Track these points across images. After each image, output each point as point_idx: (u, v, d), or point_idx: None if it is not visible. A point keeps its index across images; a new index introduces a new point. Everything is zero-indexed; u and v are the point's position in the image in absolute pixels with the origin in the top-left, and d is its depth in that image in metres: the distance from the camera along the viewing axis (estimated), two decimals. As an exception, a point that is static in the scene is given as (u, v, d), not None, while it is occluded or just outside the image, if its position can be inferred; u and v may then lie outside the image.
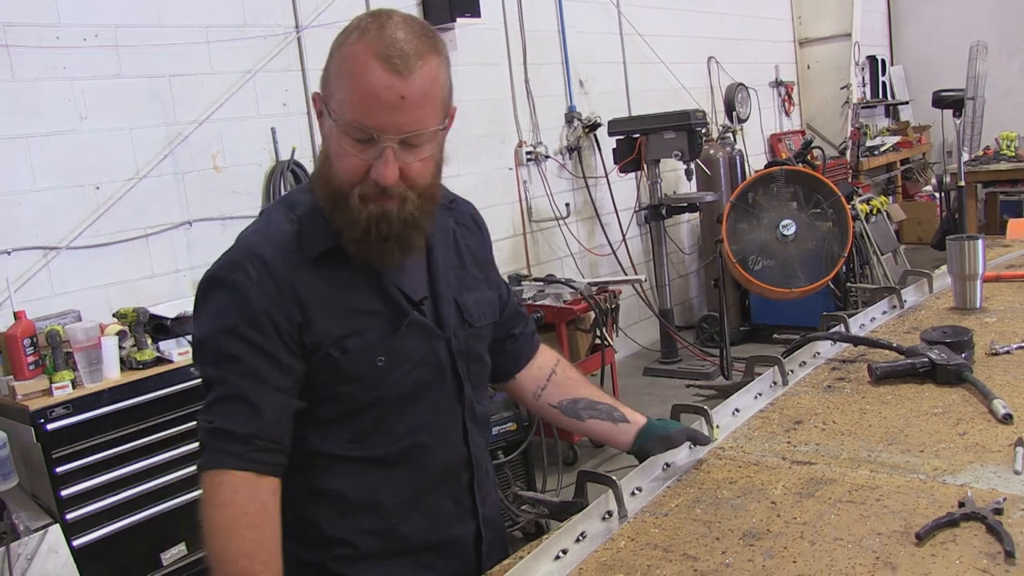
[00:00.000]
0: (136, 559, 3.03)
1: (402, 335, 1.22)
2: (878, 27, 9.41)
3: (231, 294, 1.16)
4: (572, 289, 4.03)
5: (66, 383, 2.88)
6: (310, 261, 1.19)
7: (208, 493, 1.14)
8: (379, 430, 1.23)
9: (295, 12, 3.96)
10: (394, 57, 1.09)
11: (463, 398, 1.31)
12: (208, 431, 1.14)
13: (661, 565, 1.16)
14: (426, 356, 1.25)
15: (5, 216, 3.10)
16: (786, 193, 4.48)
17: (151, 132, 3.49)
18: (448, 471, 1.30)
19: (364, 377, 1.20)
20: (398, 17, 1.14)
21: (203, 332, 1.19)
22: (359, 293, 1.21)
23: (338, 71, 1.13)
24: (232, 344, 1.15)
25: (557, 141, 5.43)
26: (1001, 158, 6.81)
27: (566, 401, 1.49)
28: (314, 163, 3.98)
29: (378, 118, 1.10)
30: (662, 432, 1.45)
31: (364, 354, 1.20)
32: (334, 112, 1.14)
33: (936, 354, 1.73)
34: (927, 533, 1.14)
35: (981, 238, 2.18)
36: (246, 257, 1.18)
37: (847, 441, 1.49)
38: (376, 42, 1.10)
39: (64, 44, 3.23)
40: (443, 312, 1.29)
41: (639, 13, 6.02)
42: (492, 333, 1.42)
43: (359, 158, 1.13)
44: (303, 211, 1.22)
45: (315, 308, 1.18)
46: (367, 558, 1.26)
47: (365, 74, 1.09)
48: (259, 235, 1.22)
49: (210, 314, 1.19)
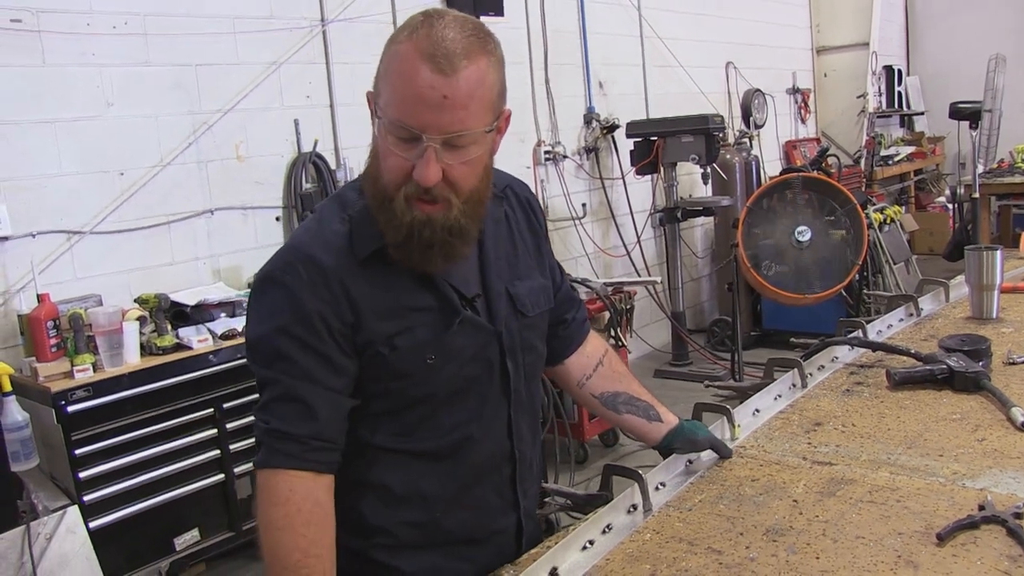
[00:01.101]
0: (150, 543, 3.07)
1: (453, 333, 1.23)
2: (895, 37, 9.41)
3: (284, 294, 1.17)
4: (588, 289, 4.05)
5: (87, 366, 2.91)
6: (360, 260, 1.19)
7: (265, 490, 1.15)
8: (428, 425, 1.24)
9: (321, 5, 3.99)
10: (439, 56, 1.08)
11: (510, 392, 1.32)
12: (265, 431, 1.16)
13: (686, 558, 1.19)
14: (476, 353, 1.26)
15: (31, 199, 3.14)
16: (801, 200, 4.49)
17: (176, 120, 3.53)
18: (492, 464, 1.32)
19: (414, 374, 1.21)
20: (450, 17, 1.13)
21: (257, 332, 1.20)
22: (410, 291, 1.21)
23: (386, 70, 1.14)
24: (285, 344, 1.16)
25: (575, 142, 5.45)
26: (1016, 171, 6.80)
27: (608, 394, 1.50)
28: (335, 156, 4.03)
29: (420, 117, 1.09)
30: (690, 435, 1.47)
31: (414, 352, 1.20)
32: (381, 110, 1.14)
33: (954, 361, 1.75)
34: (948, 534, 1.16)
35: (999, 249, 2.20)
36: (298, 258, 1.18)
37: (867, 443, 1.51)
38: (423, 41, 1.09)
39: (94, 31, 3.27)
40: (495, 306, 1.29)
41: (659, 17, 6.04)
42: (547, 320, 1.42)
43: (403, 157, 1.13)
44: (354, 210, 1.22)
45: (366, 307, 1.18)
46: (409, 548, 1.28)
47: (409, 72, 1.09)
48: (311, 235, 1.22)
49: (263, 314, 1.20)
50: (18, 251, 3.10)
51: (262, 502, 1.15)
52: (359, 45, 4.17)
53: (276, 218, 3.89)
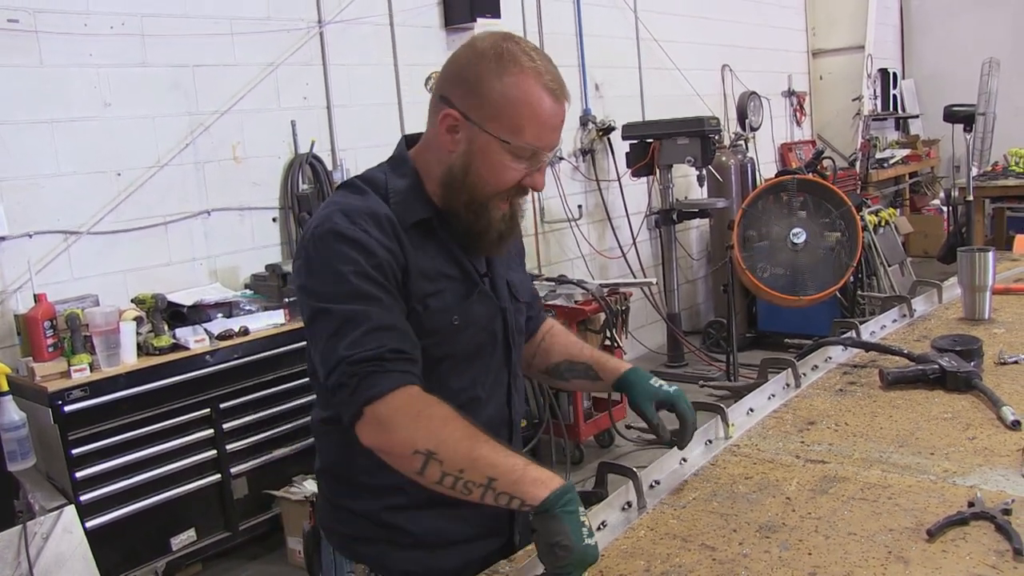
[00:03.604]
0: (146, 543, 3.08)
1: (473, 301, 1.37)
2: (891, 40, 9.45)
3: (353, 244, 1.26)
4: (584, 290, 4.06)
5: (84, 366, 2.92)
6: (405, 228, 1.32)
7: (415, 401, 1.20)
8: (442, 384, 1.32)
9: (318, 7, 4.00)
10: (556, 89, 1.29)
11: (511, 363, 1.45)
12: (376, 357, 1.20)
13: (680, 554, 1.20)
14: (487, 324, 1.40)
15: (28, 199, 3.15)
16: (796, 202, 4.51)
17: (173, 121, 3.54)
18: (492, 428, 1.38)
19: (440, 332, 1.32)
20: (528, 44, 1.32)
21: (333, 275, 1.25)
22: (443, 260, 1.35)
23: (505, 101, 1.27)
24: (365, 285, 1.24)
25: (571, 143, 5.47)
26: (1009, 174, 6.83)
27: (551, 365, 1.62)
28: (332, 158, 4.04)
29: (547, 139, 1.30)
30: (655, 395, 1.44)
31: (442, 313, 1.33)
32: (501, 135, 1.28)
33: (946, 361, 1.77)
34: (938, 530, 1.17)
35: (992, 251, 2.22)
36: (360, 215, 1.29)
37: (859, 442, 1.53)
38: (538, 75, 1.28)
39: (91, 32, 3.28)
40: (498, 286, 1.44)
41: (656, 19, 6.07)
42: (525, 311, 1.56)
43: (518, 170, 1.31)
44: (393, 188, 1.35)
45: (412, 265, 1.31)
46: (417, 507, 1.34)
47: (539, 105, 1.28)
48: (356, 201, 1.32)
49: (336, 261, 1.25)
50: (15, 251, 3.11)
51: (419, 412, 1.19)
52: (356, 47, 4.18)
53: (273, 219, 3.90)
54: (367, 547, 1.39)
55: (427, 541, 1.36)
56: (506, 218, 1.35)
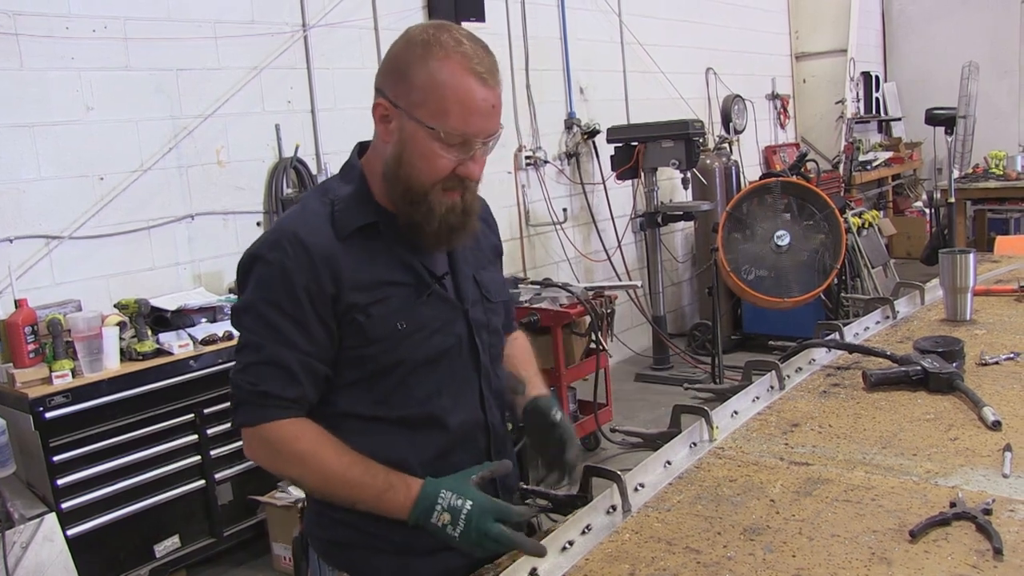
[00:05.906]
0: (130, 550, 3.05)
1: (423, 303, 1.35)
2: (873, 44, 9.52)
3: (271, 270, 1.29)
4: (569, 293, 4.06)
5: (66, 372, 2.89)
6: (342, 238, 1.32)
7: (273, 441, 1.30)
8: (401, 392, 1.35)
9: (303, 10, 3.99)
10: (483, 72, 1.26)
11: (480, 367, 1.43)
12: (252, 392, 1.29)
13: (665, 557, 1.21)
14: (444, 325, 1.38)
15: (9, 204, 3.12)
16: (781, 204, 4.53)
17: (156, 125, 3.52)
18: (467, 433, 1.41)
19: (385, 339, 1.32)
20: (463, 32, 1.29)
21: (246, 300, 1.32)
22: (389, 267, 1.34)
23: (430, 85, 1.25)
24: (271, 314, 1.28)
25: (556, 147, 5.48)
26: (990, 176, 6.91)
27: None
28: (316, 161, 4.03)
29: (476, 126, 1.27)
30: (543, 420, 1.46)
31: (386, 319, 1.32)
32: (427, 121, 1.26)
33: (929, 363, 1.78)
34: (920, 531, 1.18)
35: (973, 252, 2.24)
36: (284, 237, 1.30)
37: (843, 444, 1.53)
38: (464, 59, 1.25)
39: (73, 35, 3.25)
40: (463, 286, 1.42)
41: (640, 23, 6.09)
42: (503, 312, 1.54)
43: (449, 158, 1.28)
44: (337, 196, 1.36)
45: (347, 280, 1.30)
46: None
47: (464, 88, 1.25)
48: (295, 217, 1.35)
49: (253, 286, 1.31)
50: (-5, 256, 3.08)
51: (279, 450, 1.30)
52: (340, 50, 4.17)
53: (257, 223, 3.88)
54: (349, 553, 1.39)
55: (408, 548, 1.36)
56: (456, 210, 1.32)
